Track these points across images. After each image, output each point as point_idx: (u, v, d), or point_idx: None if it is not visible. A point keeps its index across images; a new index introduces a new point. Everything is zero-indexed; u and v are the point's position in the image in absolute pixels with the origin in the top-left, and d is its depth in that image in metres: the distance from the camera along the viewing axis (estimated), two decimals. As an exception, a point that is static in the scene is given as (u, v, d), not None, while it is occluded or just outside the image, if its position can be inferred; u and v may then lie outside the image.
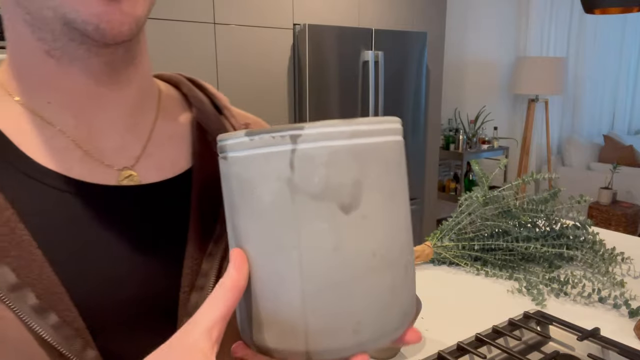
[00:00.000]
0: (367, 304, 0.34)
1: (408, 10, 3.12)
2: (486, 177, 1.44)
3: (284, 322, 0.33)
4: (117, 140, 0.43)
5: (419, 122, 3.15)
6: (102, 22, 0.35)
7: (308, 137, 0.31)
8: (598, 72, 5.37)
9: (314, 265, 0.32)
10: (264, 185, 0.32)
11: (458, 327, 1.09)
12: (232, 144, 0.33)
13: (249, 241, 0.33)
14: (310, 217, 0.32)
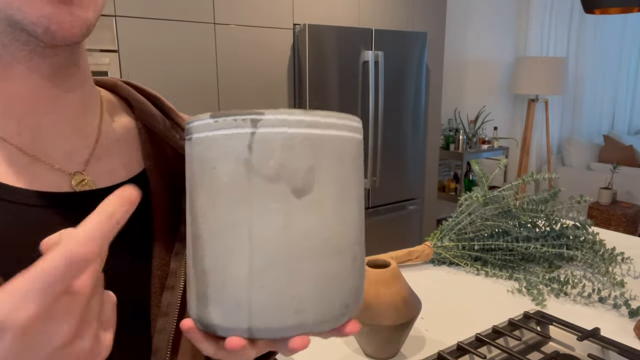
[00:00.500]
0: (311, 286, 0.35)
1: (408, 10, 3.12)
2: (486, 177, 1.44)
3: (230, 297, 0.34)
4: (64, 144, 0.42)
5: (419, 122, 3.15)
6: (52, 23, 0.35)
7: (267, 122, 0.33)
8: (598, 72, 5.37)
9: (263, 243, 0.34)
10: (223, 165, 0.34)
11: (458, 327, 1.09)
12: (197, 125, 0.35)
13: (205, 220, 0.35)
14: (264, 197, 0.34)
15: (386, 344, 0.93)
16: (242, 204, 0.34)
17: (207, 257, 0.35)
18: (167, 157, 0.49)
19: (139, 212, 0.42)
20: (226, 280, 0.34)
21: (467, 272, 1.39)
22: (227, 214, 0.34)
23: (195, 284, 0.36)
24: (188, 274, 0.38)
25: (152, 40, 2.17)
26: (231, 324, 0.35)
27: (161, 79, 2.21)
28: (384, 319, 0.89)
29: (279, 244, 0.34)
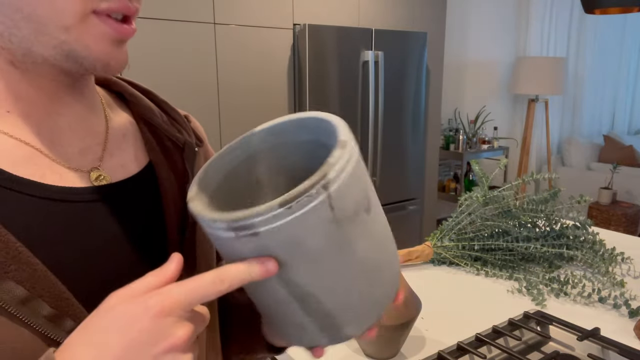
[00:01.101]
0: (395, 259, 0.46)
1: (408, 10, 3.12)
2: (486, 177, 1.44)
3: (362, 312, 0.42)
4: (79, 143, 0.44)
5: (419, 122, 3.15)
6: (111, 60, 0.40)
7: (334, 179, 0.35)
8: (598, 72, 5.36)
9: (370, 261, 0.40)
10: (312, 236, 0.35)
11: (458, 327, 1.09)
12: (265, 219, 0.34)
13: (310, 284, 0.38)
14: (356, 234, 0.38)
15: (386, 344, 0.93)
16: (343, 250, 0.37)
17: (326, 305, 0.40)
18: (167, 148, 0.51)
19: (150, 202, 0.47)
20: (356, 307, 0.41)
21: (467, 272, 1.39)
22: (336, 266, 0.38)
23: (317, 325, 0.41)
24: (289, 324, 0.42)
25: (152, 40, 2.17)
26: (367, 325, 0.44)
27: (161, 79, 2.21)
28: (384, 319, 0.89)
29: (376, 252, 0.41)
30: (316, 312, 0.40)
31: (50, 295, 0.37)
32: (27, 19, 0.37)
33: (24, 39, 0.38)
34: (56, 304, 0.37)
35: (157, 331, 0.32)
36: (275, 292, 0.39)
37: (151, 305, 0.32)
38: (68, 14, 0.37)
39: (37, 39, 0.37)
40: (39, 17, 0.37)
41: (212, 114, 2.42)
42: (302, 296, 0.38)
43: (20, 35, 0.37)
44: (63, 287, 0.37)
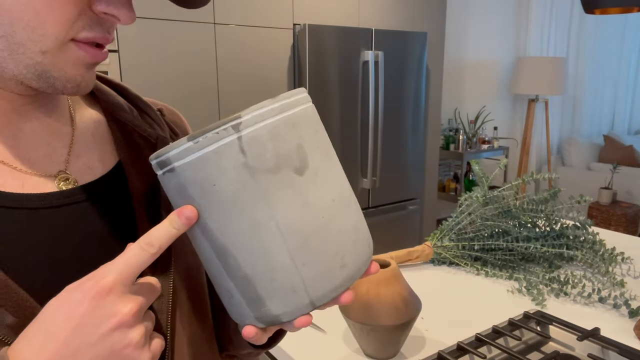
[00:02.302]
0: (342, 241, 0.40)
1: (408, 10, 3.12)
2: (486, 177, 1.44)
3: (283, 286, 0.38)
4: (43, 148, 0.44)
5: (419, 122, 3.15)
6: (83, 81, 0.40)
7: (248, 122, 0.35)
8: (598, 72, 5.36)
9: (291, 227, 0.37)
10: (222, 178, 0.35)
11: (458, 327, 1.09)
12: (176, 153, 0.35)
13: (226, 234, 0.36)
14: (274, 188, 0.36)
15: (386, 344, 0.93)
16: (258, 203, 0.36)
17: (243, 265, 0.37)
18: (138, 145, 0.50)
19: (119, 203, 0.46)
20: (273, 274, 0.37)
21: (467, 272, 1.39)
22: (247, 219, 0.36)
23: (240, 293, 0.39)
24: (222, 290, 0.40)
25: (152, 40, 2.17)
26: (294, 307, 0.38)
27: (161, 79, 2.21)
28: (384, 319, 0.89)
29: (304, 221, 0.37)
30: (236, 275, 0.38)
31: (13, 304, 0.36)
32: (4, 37, 0.36)
33: (12, 56, 0.37)
34: (19, 313, 0.37)
35: (99, 312, 0.33)
36: (202, 247, 0.39)
37: (88, 289, 0.33)
38: (47, 40, 0.37)
39: (10, 56, 0.37)
40: (17, 38, 0.36)
41: (212, 114, 2.42)
42: (221, 251, 0.37)
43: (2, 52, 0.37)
44: (26, 295, 0.37)
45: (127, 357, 0.34)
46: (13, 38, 0.36)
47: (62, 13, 0.37)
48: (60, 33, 0.37)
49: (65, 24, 0.37)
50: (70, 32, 0.38)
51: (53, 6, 0.36)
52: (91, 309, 0.33)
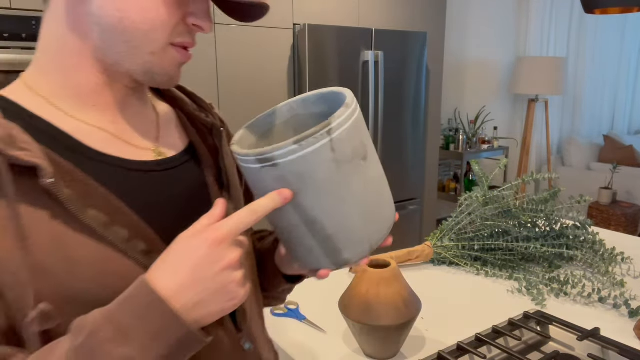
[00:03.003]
0: (386, 202, 0.56)
1: (408, 10, 3.12)
2: (486, 177, 1.44)
3: (354, 240, 0.53)
4: (141, 129, 0.58)
5: (419, 122, 3.15)
6: (175, 76, 0.54)
7: (335, 128, 0.47)
8: (598, 72, 5.36)
9: (361, 198, 0.51)
10: (317, 170, 0.48)
11: (458, 327, 1.09)
12: (282, 153, 0.47)
13: (315, 208, 0.50)
14: (351, 173, 0.50)
15: (386, 344, 0.93)
16: (340, 185, 0.49)
17: (327, 228, 0.51)
18: (200, 131, 0.64)
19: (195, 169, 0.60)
20: (349, 233, 0.52)
21: (467, 272, 1.39)
22: (333, 197, 0.49)
23: (320, 248, 0.52)
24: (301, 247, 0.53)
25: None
26: (360, 253, 0.54)
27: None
28: (384, 319, 0.89)
29: (368, 193, 0.52)
30: (320, 236, 0.51)
31: (144, 236, 0.50)
32: (126, 42, 0.49)
33: (118, 55, 0.50)
34: (148, 244, 0.50)
35: (214, 256, 0.45)
36: (290, 217, 0.51)
37: (206, 237, 0.45)
38: (155, 44, 0.50)
39: (128, 56, 0.50)
40: (135, 43, 0.49)
41: (212, 114, 2.42)
42: (309, 220, 0.50)
43: (116, 52, 0.50)
44: (151, 231, 0.51)
45: (231, 291, 0.46)
46: (132, 43, 0.49)
47: (167, 24, 0.50)
48: (165, 39, 0.50)
49: (168, 32, 0.50)
50: (171, 38, 0.51)
51: (162, 19, 0.49)
52: (208, 252, 0.45)
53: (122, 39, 0.49)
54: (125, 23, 0.48)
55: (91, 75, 0.52)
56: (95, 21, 0.48)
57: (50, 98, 0.51)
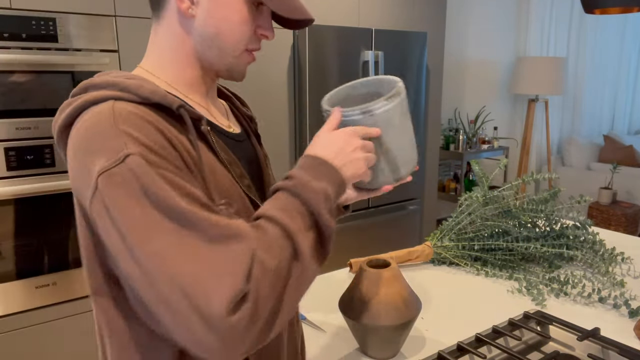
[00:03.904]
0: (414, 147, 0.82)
1: (408, 10, 3.12)
2: (486, 177, 1.44)
3: (409, 160, 0.81)
4: (221, 112, 0.78)
5: (419, 122, 3.15)
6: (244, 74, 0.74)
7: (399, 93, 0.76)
8: (598, 72, 5.36)
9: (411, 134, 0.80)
10: (395, 117, 0.75)
11: (458, 327, 1.09)
12: (378, 106, 0.74)
13: (391, 142, 0.77)
14: (407, 120, 0.79)
15: (386, 344, 0.93)
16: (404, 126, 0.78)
17: (396, 155, 0.78)
18: (246, 120, 0.85)
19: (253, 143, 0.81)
20: (408, 156, 0.80)
21: (467, 272, 1.39)
22: (402, 133, 0.78)
23: (389, 169, 0.79)
24: (376, 170, 0.78)
25: (152, 40, 2.17)
26: (410, 168, 0.82)
27: (161, 79, 2.21)
28: (384, 319, 0.89)
29: (412, 132, 0.81)
30: (390, 159, 0.78)
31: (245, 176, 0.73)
32: (218, 49, 0.69)
33: (212, 57, 0.70)
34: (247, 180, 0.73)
35: (350, 141, 0.70)
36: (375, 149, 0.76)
37: (343, 132, 0.71)
38: (237, 50, 0.70)
39: (218, 59, 0.70)
40: (226, 50, 0.69)
41: (212, 114, 2.42)
42: (385, 149, 0.77)
43: (210, 55, 0.69)
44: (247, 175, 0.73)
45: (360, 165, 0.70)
46: (222, 50, 0.69)
47: (246, 36, 0.70)
48: (244, 45, 0.70)
49: (246, 42, 0.70)
50: (248, 44, 0.71)
51: (243, 33, 0.69)
52: (346, 138, 0.70)
53: (215, 46, 0.69)
54: (220, 36, 0.68)
55: (194, 70, 0.71)
56: (198, 33, 0.68)
57: (170, 83, 0.71)
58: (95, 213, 0.56)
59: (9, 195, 1.88)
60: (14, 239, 1.92)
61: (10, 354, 1.98)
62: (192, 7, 0.67)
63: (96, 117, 0.58)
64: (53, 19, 1.90)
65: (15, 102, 1.86)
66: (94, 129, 0.57)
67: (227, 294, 0.51)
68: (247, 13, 0.68)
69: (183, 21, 0.68)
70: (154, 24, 0.71)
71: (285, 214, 0.60)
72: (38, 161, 1.94)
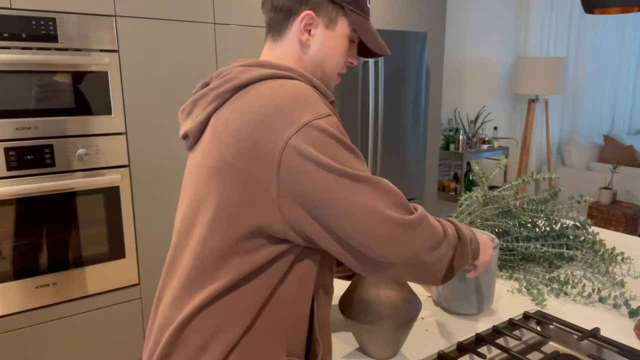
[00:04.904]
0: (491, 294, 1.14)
1: (408, 10, 3.12)
2: (486, 177, 1.44)
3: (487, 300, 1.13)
4: None
5: (419, 122, 3.15)
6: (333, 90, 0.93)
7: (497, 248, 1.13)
8: (598, 72, 5.36)
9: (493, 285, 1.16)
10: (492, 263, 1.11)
11: (458, 327, 1.09)
12: None
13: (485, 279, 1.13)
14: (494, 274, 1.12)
15: (386, 344, 0.93)
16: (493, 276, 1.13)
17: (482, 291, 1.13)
18: None
19: None
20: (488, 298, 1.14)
21: (467, 272, 1.39)
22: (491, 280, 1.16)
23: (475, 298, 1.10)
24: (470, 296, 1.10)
25: (152, 40, 2.17)
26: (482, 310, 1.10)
27: (161, 79, 2.21)
28: (384, 319, 0.89)
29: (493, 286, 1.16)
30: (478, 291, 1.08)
31: None
32: (322, 70, 0.89)
33: (316, 75, 0.88)
34: None
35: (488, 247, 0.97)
36: None
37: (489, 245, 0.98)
38: (334, 73, 0.90)
39: (320, 77, 0.89)
40: (326, 72, 0.89)
41: (212, 114, 2.41)
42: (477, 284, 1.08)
43: (315, 75, 0.88)
44: None
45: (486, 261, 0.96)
46: (325, 72, 0.89)
47: (341, 64, 0.90)
48: (338, 70, 0.91)
49: (341, 67, 0.91)
50: (340, 70, 0.91)
51: (339, 63, 0.90)
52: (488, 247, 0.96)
53: (320, 69, 0.89)
54: (325, 62, 0.88)
55: None
56: (310, 59, 0.88)
57: None
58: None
59: (9, 195, 1.88)
60: (14, 239, 1.92)
61: (10, 354, 1.98)
62: (309, 38, 0.86)
63: (294, 87, 0.77)
64: (53, 19, 1.90)
65: (15, 102, 1.86)
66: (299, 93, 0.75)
67: None
68: (347, 47, 0.89)
69: (301, 47, 0.87)
70: (270, 42, 0.89)
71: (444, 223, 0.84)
72: (38, 161, 1.94)
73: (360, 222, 0.70)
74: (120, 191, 2.13)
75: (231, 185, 0.73)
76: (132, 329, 2.26)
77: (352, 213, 0.70)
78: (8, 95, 1.84)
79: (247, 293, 0.75)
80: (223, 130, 0.76)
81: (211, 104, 0.81)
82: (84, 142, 2.03)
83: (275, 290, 0.77)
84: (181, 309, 0.77)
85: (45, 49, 1.90)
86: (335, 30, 0.87)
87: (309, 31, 0.86)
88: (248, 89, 0.79)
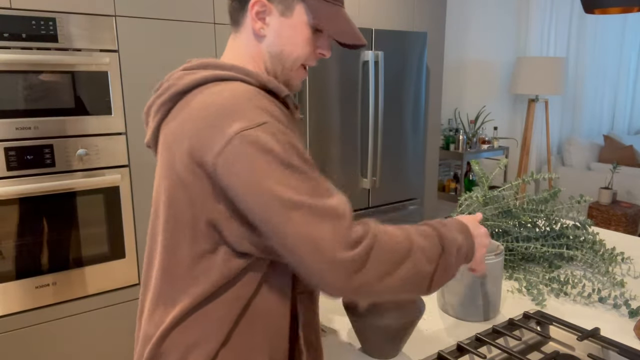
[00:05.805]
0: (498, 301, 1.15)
1: (408, 10, 3.12)
2: (486, 177, 1.44)
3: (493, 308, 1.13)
4: None
5: (419, 122, 3.15)
6: (298, 87, 0.86)
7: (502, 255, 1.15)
8: (598, 72, 5.36)
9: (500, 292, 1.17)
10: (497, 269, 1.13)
11: (458, 327, 1.09)
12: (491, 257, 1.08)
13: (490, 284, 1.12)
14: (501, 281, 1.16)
15: (387, 344, 0.93)
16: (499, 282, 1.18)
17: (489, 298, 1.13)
18: None
19: None
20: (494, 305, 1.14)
21: (467, 272, 1.39)
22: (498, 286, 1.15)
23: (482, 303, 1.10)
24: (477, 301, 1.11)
25: (152, 40, 2.17)
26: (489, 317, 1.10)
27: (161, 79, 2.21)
28: (384, 319, 0.89)
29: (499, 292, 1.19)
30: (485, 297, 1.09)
31: None
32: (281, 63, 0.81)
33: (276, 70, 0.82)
34: None
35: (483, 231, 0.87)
36: None
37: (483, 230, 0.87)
38: (295, 66, 0.82)
39: (280, 72, 0.82)
40: (285, 64, 0.81)
41: (212, 114, 2.41)
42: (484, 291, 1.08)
43: (275, 68, 0.81)
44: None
45: (484, 244, 0.86)
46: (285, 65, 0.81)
47: (304, 55, 0.81)
48: (302, 62, 0.82)
49: (305, 58, 0.82)
50: (304, 61, 0.82)
51: (303, 53, 0.81)
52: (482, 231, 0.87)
53: (279, 62, 0.81)
54: (283, 54, 0.80)
55: None
56: (267, 50, 0.81)
57: None
58: None
59: (9, 195, 1.88)
60: (14, 238, 1.92)
61: (10, 354, 1.98)
62: (263, 27, 0.80)
63: (233, 92, 0.71)
64: (53, 19, 1.90)
65: (15, 102, 1.86)
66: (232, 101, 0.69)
67: None
68: (309, 36, 0.80)
69: (255, 37, 0.81)
70: (233, 34, 0.85)
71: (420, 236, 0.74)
72: (38, 161, 1.94)
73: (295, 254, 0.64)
74: (120, 191, 2.13)
75: (180, 200, 0.71)
76: (132, 329, 2.26)
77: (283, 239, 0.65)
78: (8, 95, 1.84)
79: (219, 306, 0.73)
80: (171, 143, 0.73)
81: (157, 113, 0.80)
82: (84, 142, 2.03)
83: (251, 302, 0.74)
84: (158, 324, 0.77)
85: (45, 49, 1.90)
86: (292, 17, 0.78)
87: (263, 20, 0.79)
88: (191, 95, 0.75)
